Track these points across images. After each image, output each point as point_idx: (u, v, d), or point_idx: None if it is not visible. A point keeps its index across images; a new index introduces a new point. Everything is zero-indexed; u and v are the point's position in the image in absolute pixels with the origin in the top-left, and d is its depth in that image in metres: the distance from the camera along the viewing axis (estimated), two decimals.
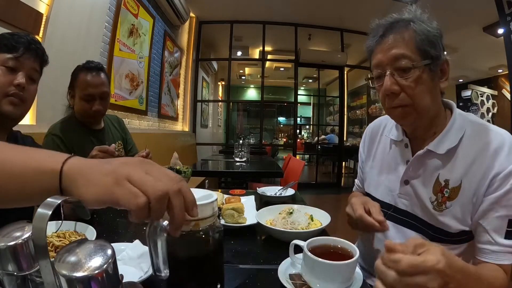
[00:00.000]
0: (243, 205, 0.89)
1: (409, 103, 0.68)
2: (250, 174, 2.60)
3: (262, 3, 4.41)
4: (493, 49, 4.70)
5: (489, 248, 0.64)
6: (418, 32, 0.67)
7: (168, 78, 4.01)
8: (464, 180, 0.68)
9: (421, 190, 0.73)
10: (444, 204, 0.70)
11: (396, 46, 0.68)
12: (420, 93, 0.68)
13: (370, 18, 0.74)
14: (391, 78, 0.68)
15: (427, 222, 0.73)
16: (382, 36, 0.70)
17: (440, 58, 0.69)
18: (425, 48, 0.67)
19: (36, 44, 0.89)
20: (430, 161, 0.72)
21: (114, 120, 1.57)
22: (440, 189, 0.70)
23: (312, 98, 9.95)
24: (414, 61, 0.67)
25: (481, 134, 0.69)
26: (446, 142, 0.70)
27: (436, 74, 0.69)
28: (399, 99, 0.69)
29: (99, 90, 1.29)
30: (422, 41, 0.67)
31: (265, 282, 0.58)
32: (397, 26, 0.69)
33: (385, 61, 0.69)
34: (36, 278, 0.35)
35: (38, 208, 0.31)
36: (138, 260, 0.59)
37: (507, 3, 2.93)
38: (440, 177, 0.71)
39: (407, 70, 0.67)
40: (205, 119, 6.44)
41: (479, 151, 0.67)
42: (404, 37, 0.67)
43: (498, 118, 6.16)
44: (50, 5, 1.72)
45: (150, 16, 3.28)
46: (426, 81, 0.68)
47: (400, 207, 0.78)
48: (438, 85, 0.71)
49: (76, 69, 1.31)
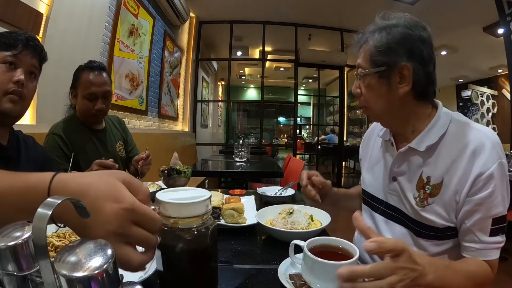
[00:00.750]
0: (243, 205, 0.89)
1: (366, 105, 0.78)
2: (250, 174, 2.60)
3: (262, 3, 4.42)
4: (493, 49, 4.71)
5: (474, 246, 0.67)
6: (372, 44, 0.73)
7: (168, 78, 4.01)
8: (445, 177, 0.69)
9: (406, 187, 0.77)
10: (426, 200, 0.72)
11: (360, 56, 0.77)
12: (371, 97, 0.76)
13: (370, 18, 0.76)
14: (357, 82, 0.79)
15: (412, 218, 0.75)
16: (359, 46, 0.78)
17: (395, 65, 0.71)
18: (376, 58, 0.72)
19: (35, 41, 0.89)
20: (412, 158, 0.75)
21: (115, 120, 1.58)
22: (423, 186, 0.73)
23: (312, 98, 9.95)
24: (365, 69, 0.75)
25: (464, 132, 0.70)
26: (426, 140, 0.72)
27: (390, 79, 0.72)
28: (361, 100, 0.80)
29: (102, 89, 1.30)
30: (374, 52, 0.73)
31: (265, 282, 0.58)
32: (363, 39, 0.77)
33: (356, 66, 0.79)
34: (36, 278, 0.35)
35: (38, 208, 0.31)
36: None
37: (507, 3, 2.93)
38: (423, 174, 0.73)
39: (362, 77, 0.77)
40: (205, 119, 6.44)
41: (460, 149, 0.68)
42: (365, 49, 0.75)
43: (498, 118, 6.17)
44: (50, 5, 1.72)
45: (150, 16, 3.28)
46: (375, 87, 0.74)
47: (391, 203, 0.82)
48: (397, 90, 0.72)
49: (79, 69, 1.32)
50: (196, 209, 0.45)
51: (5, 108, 0.82)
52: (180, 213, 0.44)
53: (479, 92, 5.94)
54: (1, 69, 0.82)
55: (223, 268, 0.64)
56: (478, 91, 5.93)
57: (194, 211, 0.45)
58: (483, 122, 5.62)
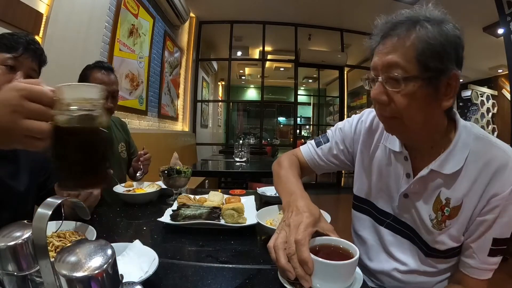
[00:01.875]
0: (243, 205, 0.89)
1: (397, 116, 0.62)
2: (250, 174, 2.60)
3: (262, 3, 4.41)
4: (493, 49, 4.70)
5: (470, 262, 0.66)
6: (423, 39, 0.57)
7: (168, 78, 4.01)
8: (465, 199, 0.65)
9: (420, 206, 0.70)
10: (443, 223, 0.67)
11: (393, 52, 0.60)
12: (411, 109, 0.60)
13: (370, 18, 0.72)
14: (381, 86, 0.62)
15: (422, 239, 0.71)
16: (384, 37, 0.62)
17: (446, 72, 0.59)
18: (427, 60, 0.57)
19: (35, 44, 0.90)
20: (432, 179, 0.68)
21: (117, 122, 1.60)
22: (441, 207, 0.68)
23: (312, 98, 9.94)
24: (408, 73, 0.58)
25: (485, 150, 0.65)
26: (451, 162, 0.65)
27: (438, 90, 0.60)
28: (387, 110, 0.63)
29: (112, 88, 1.34)
30: (425, 51, 0.57)
31: (265, 282, 0.58)
32: (400, 28, 0.60)
33: (379, 66, 0.62)
34: (36, 278, 0.35)
35: (38, 208, 0.31)
36: (138, 260, 0.59)
37: (507, 3, 2.93)
38: (441, 195, 0.67)
39: (399, 82, 0.59)
40: (205, 119, 6.44)
41: (482, 169, 0.63)
42: (405, 43, 0.59)
43: (498, 118, 6.16)
44: (50, 5, 1.72)
45: (150, 16, 3.28)
46: (420, 98, 0.59)
47: (400, 218, 0.76)
48: (440, 102, 0.61)
49: (87, 68, 1.35)
50: (87, 92, 0.45)
51: None
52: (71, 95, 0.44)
53: (479, 92, 5.94)
54: (1, 71, 0.83)
55: (223, 268, 0.64)
56: (478, 91, 5.92)
57: (84, 94, 0.45)
58: (483, 122, 5.62)
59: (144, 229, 0.88)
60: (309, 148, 0.94)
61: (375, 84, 0.65)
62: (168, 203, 1.12)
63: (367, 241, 0.83)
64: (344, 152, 0.90)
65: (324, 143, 0.92)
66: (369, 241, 0.83)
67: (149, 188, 1.23)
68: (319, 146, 0.92)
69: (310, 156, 0.93)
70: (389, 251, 0.78)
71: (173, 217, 0.85)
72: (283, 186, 0.82)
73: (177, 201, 0.98)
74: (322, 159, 0.92)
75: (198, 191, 1.40)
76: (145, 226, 0.90)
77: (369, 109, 0.86)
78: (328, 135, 0.93)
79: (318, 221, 0.61)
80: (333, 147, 0.91)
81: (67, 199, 0.32)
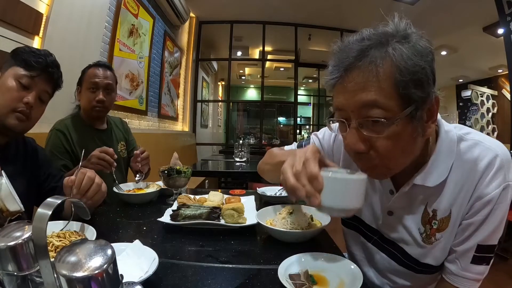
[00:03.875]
0: (243, 205, 0.89)
1: (380, 164, 0.54)
2: (250, 174, 2.60)
3: (262, 3, 4.41)
4: (493, 49, 4.70)
5: (451, 268, 0.61)
6: (399, 65, 0.47)
7: (168, 78, 4.01)
8: (453, 209, 0.60)
9: (408, 222, 0.64)
10: (433, 236, 0.62)
11: (366, 88, 0.48)
12: (395, 151, 0.52)
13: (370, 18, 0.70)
14: (355, 134, 0.52)
15: (412, 257, 0.65)
16: (347, 70, 0.51)
17: (428, 100, 0.50)
18: (408, 91, 0.48)
19: (54, 68, 0.91)
20: (416, 194, 0.62)
21: (117, 122, 1.61)
22: (428, 220, 0.62)
23: (312, 98, 9.94)
24: (390, 112, 0.48)
25: (471, 151, 0.58)
26: (434, 174, 0.58)
27: (421, 120, 0.52)
28: (367, 159, 0.54)
29: (104, 81, 1.36)
30: (404, 80, 0.47)
31: (265, 282, 0.58)
32: (368, 55, 0.49)
33: (349, 108, 0.52)
34: (36, 278, 0.35)
35: (38, 208, 0.31)
36: (138, 260, 0.59)
37: (507, 3, 2.93)
38: (428, 207, 0.62)
39: (380, 124, 0.49)
40: (205, 119, 6.44)
41: (468, 173, 0.57)
42: (378, 74, 0.48)
43: (498, 118, 6.16)
44: (50, 5, 1.72)
45: (150, 16, 3.28)
46: (405, 136, 0.51)
47: (386, 236, 0.70)
48: (424, 132, 0.54)
49: (86, 67, 1.40)
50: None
51: (11, 124, 0.84)
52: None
53: (479, 92, 5.93)
54: (15, 85, 0.84)
55: (223, 268, 0.64)
56: (478, 91, 5.92)
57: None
58: (483, 122, 5.61)
59: (144, 229, 0.88)
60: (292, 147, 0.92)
61: (344, 126, 0.55)
62: (168, 203, 1.12)
63: (355, 257, 0.80)
64: None
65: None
66: (358, 257, 0.80)
67: (149, 188, 1.23)
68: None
69: None
70: (378, 268, 0.74)
71: (173, 217, 0.85)
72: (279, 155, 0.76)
73: (177, 201, 0.98)
74: None
75: (198, 191, 1.40)
76: (145, 226, 0.90)
77: None
78: (310, 140, 0.88)
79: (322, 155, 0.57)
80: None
81: (67, 199, 0.32)
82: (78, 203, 0.34)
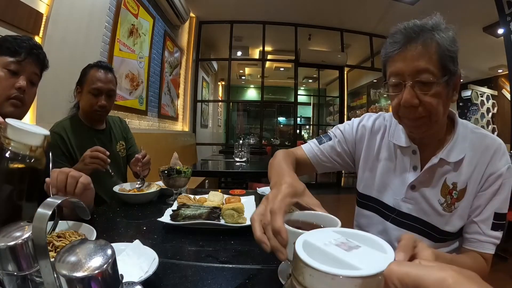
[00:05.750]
0: (243, 205, 0.89)
1: (425, 115, 0.70)
2: (250, 174, 2.59)
3: (262, 3, 4.41)
4: (493, 49, 4.70)
5: (476, 237, 0.74)
6: (442, 46, 0.66)
7: (168, 78, 4.01)
8: (469, 182, 0.75)
9: (429, 194, 0.78)
10: (453, 205, 0.76)
11: (420, 59, 0.66)
12: (438, 107, 0.69)
13: (370, 18, 0.74)
14: (411, 91, 0.68)
15: (432, 225, 0.78)
16: (405, 44, 0.68)
17: (456, 73, 0.70)
18: (446, 64, 0.67)
19: (38, 49, 0.92)
20: (440, 167, 0.77)
21: (116, 121, 1.60)
22: (449, 192, 0.76)
23: (312, 98, 9.94)
24: (436, 77, 0.66)
25: (481, 141, 0.77)
26: (455, 151, 0.76)
27: (450, 88, 0.71)
28: (418, 111, 0.69)
29: (107, 87, 1.35)
30: (445, 56, 0.66)
31: (265, 282, 0.58)
32: (422, 36, 0.67)
33: (406, 72, 0.68)
34: (36, 278, 0.35)
35: (38, 208, 0.31)
36: (138, 260, 0.59)
37: (507, 3, 2.93)
38: (448, 181, 0.76)
39: (428, 85, 0.67)
40: (205, 119, 6.44)
41: (480, 156, 0.75)
42: (429, 50, 0.66)
43: (498, 118, 6.16)
44: (50, 5, 1.72)
45: (150, 16, 3.28)
46: (443, 96, 0.69)
47: (404, 210, 0.81)
48: (451, 98, 0.73)
49: (87, 66, 1.37)
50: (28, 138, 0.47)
51: (7, 112, 0.85)
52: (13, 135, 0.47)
53: (479, 92, 5.93)
54: (4, 74, 0.85)
55: (223, 268, 0.64)
56: (478, 91, 5.92)
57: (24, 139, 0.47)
58: (483, 122, 5.61)
59: (144, 229, 0.88)
60: (311, 146, 0.96)
61: (398, 88, 0.71)
62: (168, 203, 1.12)
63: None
64: (346, 152, 0.94)
65: (326, 141, 0.94)
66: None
67: (149, 188, 1.23)
68: (322, 144, 0.94)
69: (313, 153, 0.94)
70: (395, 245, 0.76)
71: (173, 217, 0.85)
72: (273, 172, 0.80)
73: (177, 201, 0.98)
74: (325, 155, 0.93)
75: (198, 191, 1.40)
76: (145, 226, 0.90)
77: (368, 113, 0.95)
78: (330, 134, 0.96)
79: (301, 195, 0.56)
80: (336, 145, 0.93)
81: (67, 199, 0.32)
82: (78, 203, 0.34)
